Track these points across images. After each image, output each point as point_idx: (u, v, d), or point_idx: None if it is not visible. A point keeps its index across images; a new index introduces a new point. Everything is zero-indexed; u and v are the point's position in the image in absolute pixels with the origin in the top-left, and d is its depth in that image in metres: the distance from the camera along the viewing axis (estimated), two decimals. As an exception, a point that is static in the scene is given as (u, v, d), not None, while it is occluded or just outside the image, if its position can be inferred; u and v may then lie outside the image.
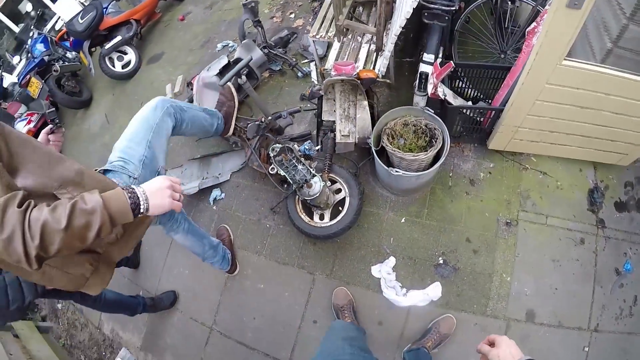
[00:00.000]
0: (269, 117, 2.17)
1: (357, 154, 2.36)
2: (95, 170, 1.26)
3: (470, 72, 2.11)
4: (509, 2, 2.13)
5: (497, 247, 1.95)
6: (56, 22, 5.00)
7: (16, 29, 4.83)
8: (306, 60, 3.00)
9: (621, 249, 1.91)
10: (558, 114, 1.76)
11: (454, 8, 1.79)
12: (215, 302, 2.23)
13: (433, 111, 1.93)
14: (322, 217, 2.12)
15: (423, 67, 1.90)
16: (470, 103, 2.19)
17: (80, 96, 3.91)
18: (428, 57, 1.88)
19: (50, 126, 1.39)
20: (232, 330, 2.14)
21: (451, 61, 1.79)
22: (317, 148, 2.20)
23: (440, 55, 2.00)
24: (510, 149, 2.13)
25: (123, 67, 3.89)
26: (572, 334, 1.76)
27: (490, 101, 2.12)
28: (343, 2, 2.32)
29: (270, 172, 1.99)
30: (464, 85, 2.21)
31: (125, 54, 3.94)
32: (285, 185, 2.18)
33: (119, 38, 3.77)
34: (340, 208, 2.08)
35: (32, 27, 4.30)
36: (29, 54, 3.84)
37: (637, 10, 1.45)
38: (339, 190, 2.14)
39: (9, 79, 4.32)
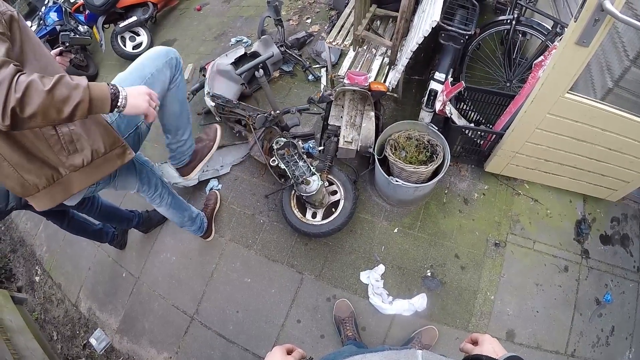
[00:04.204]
0: (277, 111, 2.21)
1: (357, 162, 2.40)
2: None
3: (476, 96, 2.18)
4: (520, 35, 2.23)
5: (484, 266, 2.01)
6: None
7: (31, -7, 4.77)
8: (317, 66, 3.06)
9: (603, 280, 1.97)
10: (555, 144, 1.83)
11: (470, 32, 1.87)
12: (199, 292, 2.21)
13: (437, 128, 2.00)
14: (314, 216, 2.15)
15: (433, 85, 1.97)
16: (472, 125, 2.27)
17: (86, 70, 3.87)
18: (439, 75, 1.95)
19: (60, 48, 1.40)
20: (213, 322, 2.12)
21: (462, 81, 1.86)
22: (319, 149, 2.24)
23: (449, 76, 2.08)
24: (505, 173, 2.21)
25: (134, 47, 3.88)
26: (549, 356, 1.80)
27: (491, 126, 2.20)
28: (363, 14, 2.38)
29: (271, 163, 2.01)
30: (467, 108, 2.28)
31: (138, 35, 3.93)
32: (283, 180, 2.20)
33: (134, 18, 3.77)
34: (333, 209, 2.11)
35: (48, -5, 4.25)
36: (41, 21, 3.81)
37: (640, 54, 1.54)
38: (334, 192, 2.17)
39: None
